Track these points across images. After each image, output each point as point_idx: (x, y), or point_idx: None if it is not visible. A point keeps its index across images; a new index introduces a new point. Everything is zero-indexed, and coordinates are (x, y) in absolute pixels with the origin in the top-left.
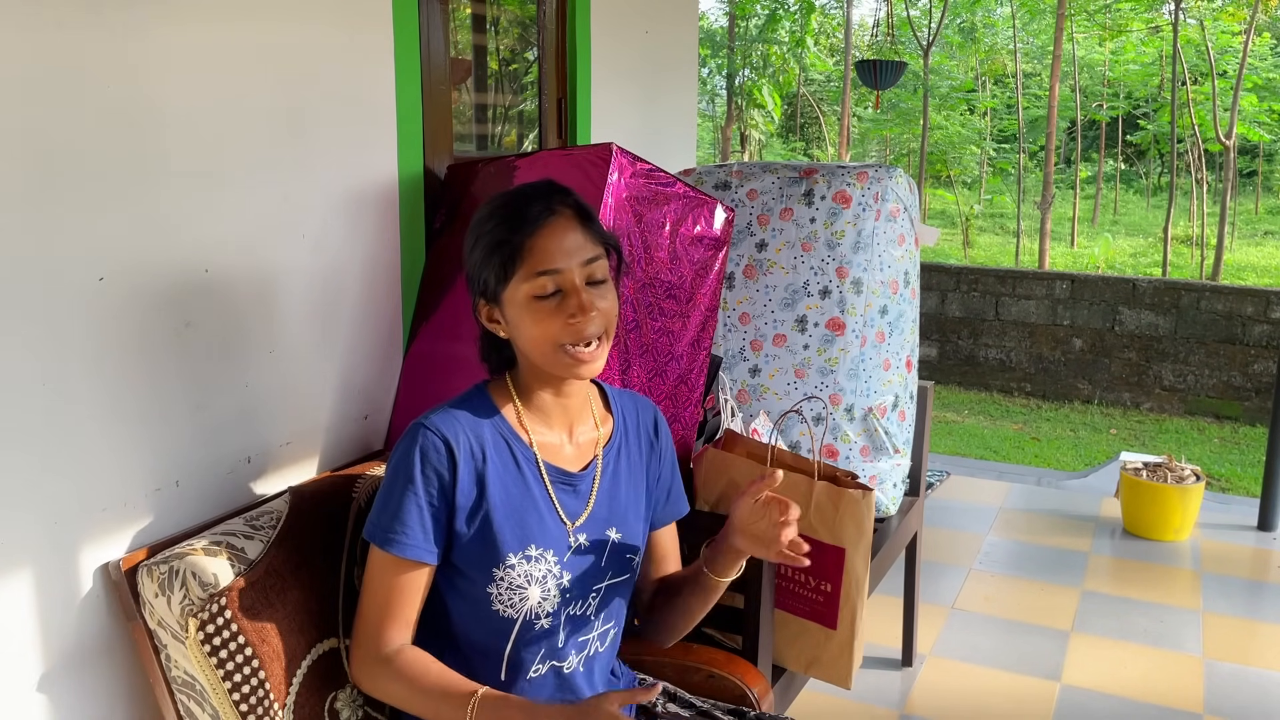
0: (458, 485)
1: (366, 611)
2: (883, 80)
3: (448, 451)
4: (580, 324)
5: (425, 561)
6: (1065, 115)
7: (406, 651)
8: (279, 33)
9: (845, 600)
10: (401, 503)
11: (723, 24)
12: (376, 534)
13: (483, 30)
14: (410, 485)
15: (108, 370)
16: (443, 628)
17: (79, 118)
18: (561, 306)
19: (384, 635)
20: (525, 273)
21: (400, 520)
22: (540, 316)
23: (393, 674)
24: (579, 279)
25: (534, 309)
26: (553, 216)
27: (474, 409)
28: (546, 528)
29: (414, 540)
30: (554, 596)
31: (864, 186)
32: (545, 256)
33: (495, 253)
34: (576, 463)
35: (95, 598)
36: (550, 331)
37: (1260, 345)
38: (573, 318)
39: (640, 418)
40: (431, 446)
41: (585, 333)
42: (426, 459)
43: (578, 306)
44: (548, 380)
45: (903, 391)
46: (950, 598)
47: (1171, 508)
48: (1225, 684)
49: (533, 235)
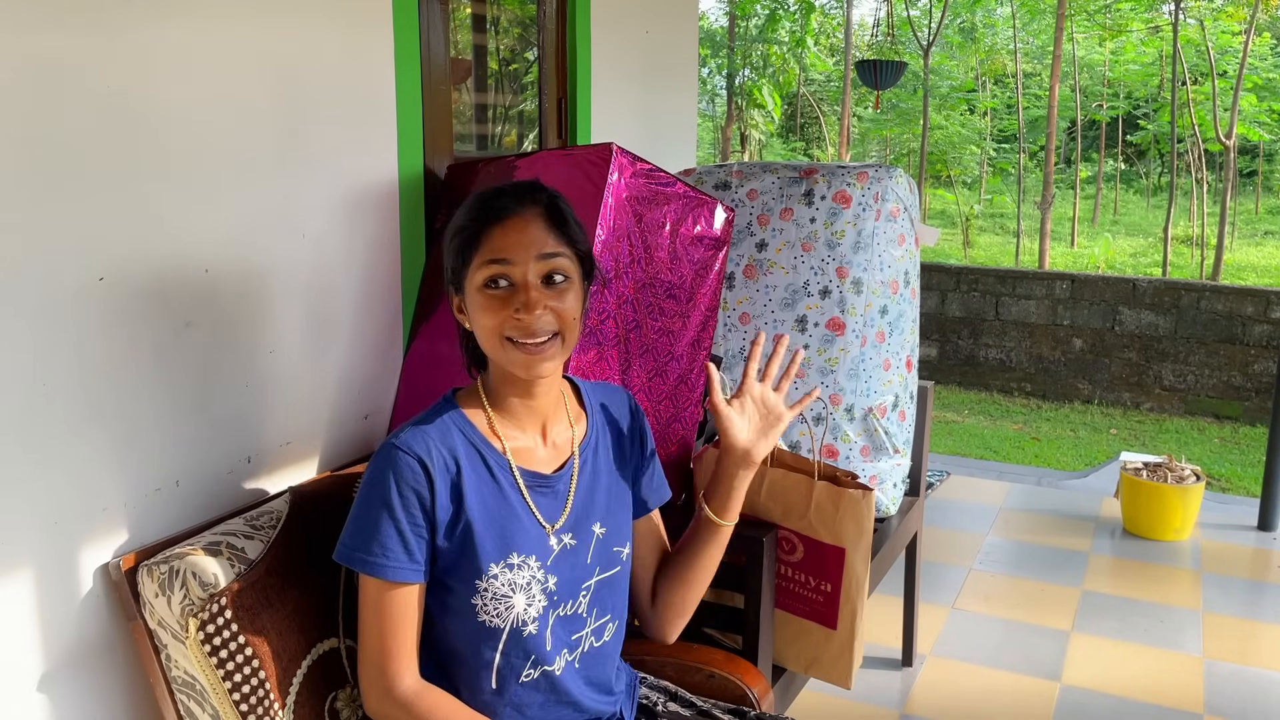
0: (436, 502)
1: (367, 643)
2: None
3: (423, 470)
4: (525, 319)
5: (412, 581)
6: (1065, 115)
7: (427, 695)
8: (279, 32)
9: (845, 600)
10: (379, 525)
11: (723, 24)
12: (356, 559)
13: (483, 30)
14: (387, 508)
15: (107, 370)
16: (430, 639)
17: (79, 117)
18: (509, 299)
19: (392, 669)
20: (479, 260)
21: (380, 544)
22: (489, 306)
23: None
24: (532, 274)
25: (484, 298)
26: (518, 210)
27: (443, 421)
28: (526, 534)
29: (397, 562)
30: (540, 601)
31: (864, 186)
32: (499, 246)
33: (456, 237)
34: (551, 464)
35: (95, 598)
36: (496, 322)
37: (1260, 345)
38: (518, 312)
39: (615, 408)
40: (406, 466)
41: (530, 328)
42: (402, 479)
43: (524, 301)
44: (514, 383)
45: (903, 391)
46: (950, 598)
47: (1171, 508)
48: (1225, 684)
49: (492, 225)
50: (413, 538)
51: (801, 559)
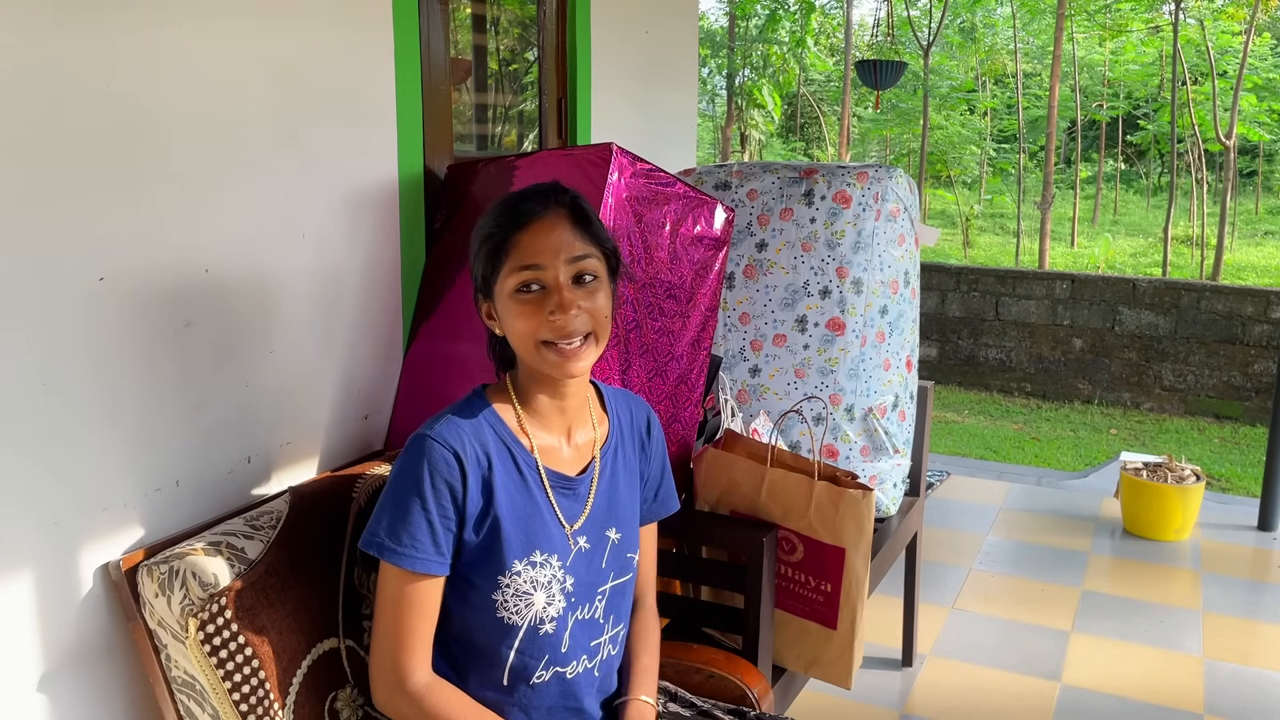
0: (468, 495)
1: (382, 634)
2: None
3: (458, 463)
4: (560, 321)
5: (437, 574)
6: (1065, 115)
7: (437, 690)
8: (279, 32)
9: (845, 600)
10: (410, 516)
11: (723, 24)
12: (386, 549)
13: (483, 30)
14: (420, 499)
15: (108, 370)
16: (444, 634)
17: (79, 117)
18: (543, 302)
19: (406, 662)
20: (510, 267)
21: (410, 534)
22: (523, 311)
23: (423, 714)
24: (563, 276)
25: (517, 303)
26: (543, 214)
27: (475, 416)
28: (550, 533)
29: (425, 554)
30: (559, 601)
31: (864, 186)
32: (528, 251)
33: (484, 246)
34: (575, 466)
35: (95, 598)
36: (531, 327)
37: (1260, 345)
38: (552, 314)
39: (634, 418)
40: (441, 459)
41: (565, 330)
42: (436, 471)
43: (558, 303)
44: (544, 382)
45: (903, 391)
46: (950, 598)
47: (1171, 508)
48: (1225, 684)
49: (519, 231)
50: (441, 530)
51: (801, 559)
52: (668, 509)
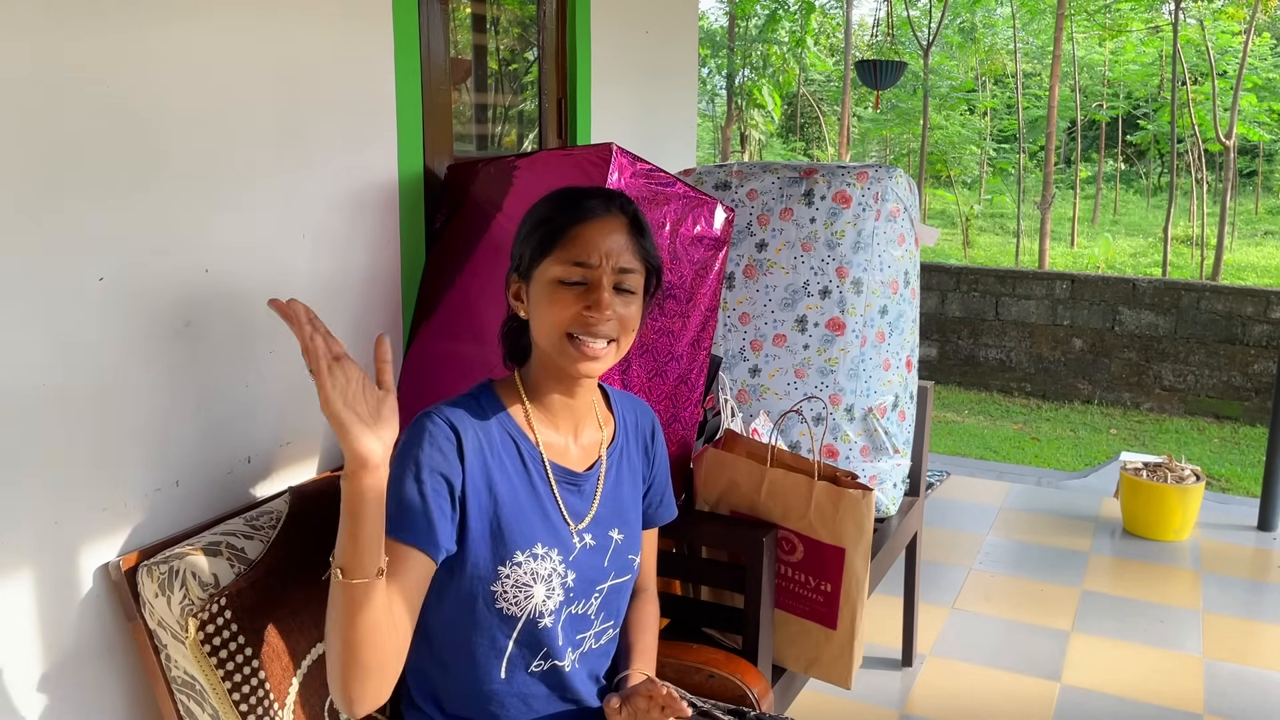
0: (466, 475)
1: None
2: (883, 80)
3: (455, 439)
4: (594, 318)
5: (422, 548)
6: (1065, 115)
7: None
8: (279, 32)
9: (845, 600)
10: (404, 485)
11: (723, 24)
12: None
13: (483, 30)
14: (415, 471)
15: (107, 370)
16: (437, 626)
17: (79, 117)
18: (581, 296)
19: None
20: (559, 255)
21: (401, 505)
22: (559, 300)
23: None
24: (607, 280)
25: (556, 292)
26: (605, 215)
27: (480, 406)
28: (553, 527)
29: (415, 524)
30: (558, 595)
31: (864, 186)
32: (583, 246)
33: (539, 228)
34: (581, 463)
35: (95, 598)
36: (564, 317)
37: (1260, 345)
38: (588, 309)
39: (639, 421)
40: (441, 434)
41: (597, 328)
42: (435, 444)
43: (595, 300)
44: (557, 378)
45: (903, 391)
46: (950, 598)
47: (1171, 508)
48: (1225, 684)
49: (579, 224)
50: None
51: (801, 559)
52: (667, 516)
